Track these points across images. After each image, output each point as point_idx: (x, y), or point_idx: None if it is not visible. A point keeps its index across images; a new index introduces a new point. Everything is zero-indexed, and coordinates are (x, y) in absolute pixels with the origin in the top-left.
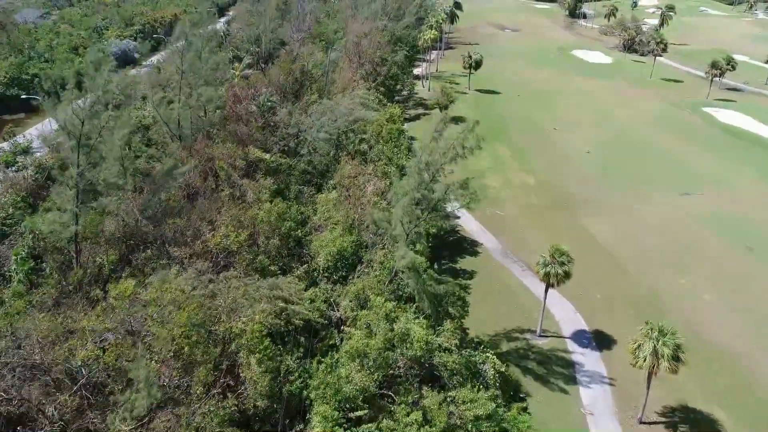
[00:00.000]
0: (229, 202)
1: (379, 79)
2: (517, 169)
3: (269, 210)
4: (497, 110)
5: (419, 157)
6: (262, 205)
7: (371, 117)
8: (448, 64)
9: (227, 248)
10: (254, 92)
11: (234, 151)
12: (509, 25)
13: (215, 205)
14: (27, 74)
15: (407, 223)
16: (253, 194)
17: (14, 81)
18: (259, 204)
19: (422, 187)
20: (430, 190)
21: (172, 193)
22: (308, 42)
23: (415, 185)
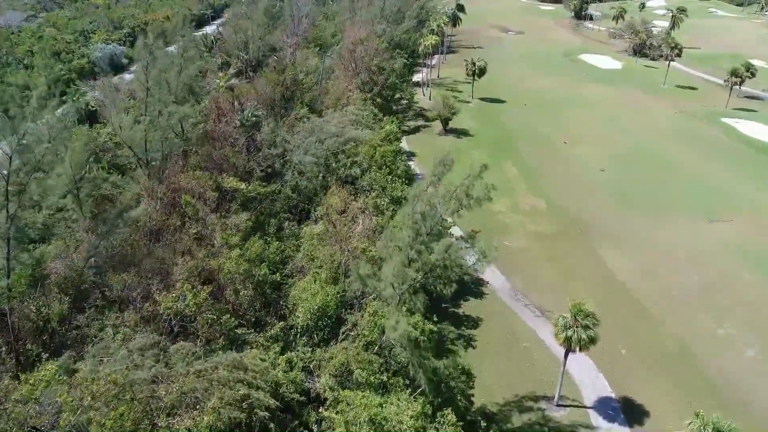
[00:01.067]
0: (195, 244)
1: (376, 89)
2: (526, 190)
3: (237, 259)
4: (502, 121)
5: (413, 203)
6: (230, 253)
7: (364, 137)
8: (451, 70)
9: (182, 312)
10: (239, 105)
11: (205, 180)
12: (513, 27)
13: (179, 247)
14: (2, 82)
15: (399, 284)
16: (221, 238)
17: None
18: (227, 250)
19: (418, 242)
20: (427, 249)
21: (126, 236)
22: (303, 46)
23: (409, 241)
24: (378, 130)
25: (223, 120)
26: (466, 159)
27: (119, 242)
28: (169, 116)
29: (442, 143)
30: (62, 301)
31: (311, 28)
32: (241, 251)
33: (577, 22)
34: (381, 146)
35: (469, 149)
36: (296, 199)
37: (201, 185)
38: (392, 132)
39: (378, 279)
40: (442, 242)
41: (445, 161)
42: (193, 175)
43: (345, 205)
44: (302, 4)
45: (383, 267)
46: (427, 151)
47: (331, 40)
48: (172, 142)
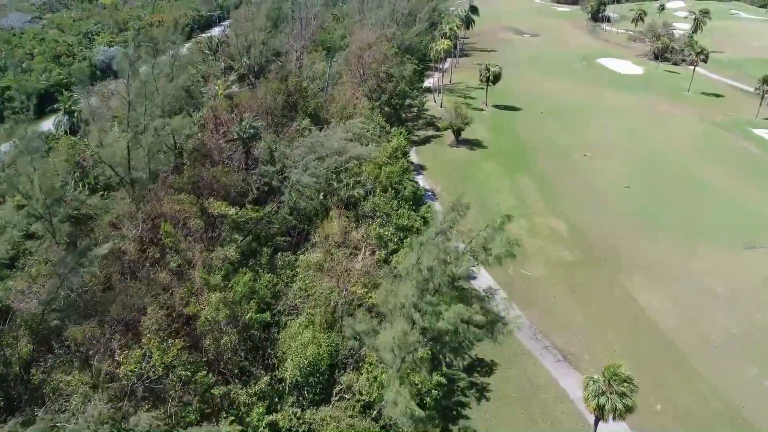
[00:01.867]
0: (176, 279)
1: (384, 98)
2: (545, 210)
3: (218, 304)
4: (518, 131)
5: (420, 253)
6: (210, 296)
7: (369, 154)
8: (463, 74)
9: (147, 374)
10: (238, 115)
11: (189, 206)
12: (528, 29)
13: (154, 286)
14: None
15: (401, 350)
16: (201, 277)
17: None
18: (208, 291)
19: (424, 301)
20: (434, 312)
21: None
22: (311, 50)
23: (413, 300)
24: (384, 145)
25: (220, 131)
26: (479, 173)
27: (89, 279)
28: (155, 131)
29: (454, 155)
30: (25, 345)
31: (319, 30)
32: (224, 294)
33: (594, 24)
34: (386, 165)
35: (482, 162)
36: (294, 221)
37: (185, 211)
38: (400, 146)
39: (376, 337)
40: (454, 310)
41: (459, 206)
42: (177, 198)
43: (345, 235)
44: (310, 5)
45: (382, 332)
46: (438, 165)
47: (341, 42)
48: (159, 158)
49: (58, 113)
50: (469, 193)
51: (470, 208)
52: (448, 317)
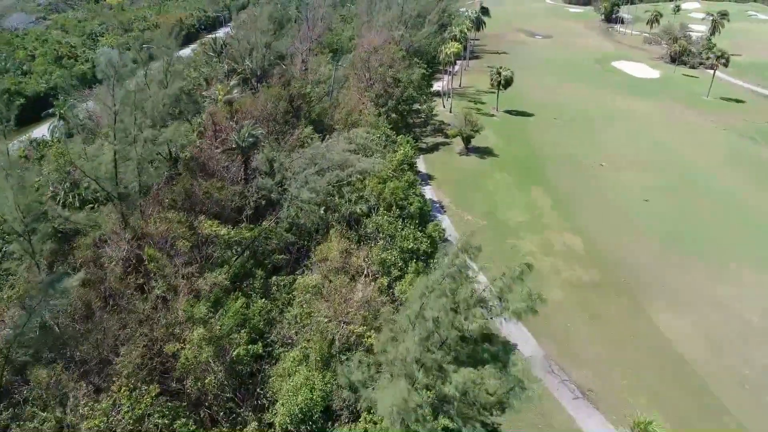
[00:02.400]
0: (162, 305)
1: (391, 103)
2: (559, 224)
3: (200, 342)
4: (530, 139)
5: (424, 299)
6: (193, 331)
7: (372, 167)
8: (474, 77)
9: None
10: (238, 122)
11: (178, 225)
12: (540, 31)
13: (133, 318)
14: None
15: (402, 409)
16: (183, 310)
17: None
18: (191, 326)
19: (427, 358)
20: (441, 372)
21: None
22: (317, 52)
23: (416, 355)
24: (390, 156)
25: (218, 139)
26: (490, 183)
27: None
28: (145, 142)
29: (463, 164)
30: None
31: (326, 32)
32: (209, 327)
33: (608, 25)
34: (392, 180)
35: (493, 172)
36: (293, 237)
37: (172, 230)
38: (406, 156)
39: (374, 386)
40: (463, 375)
41: (469, 247)
42: (164, 217)
43: (345, 257)
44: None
45: (380, 385)
46: (447, 174)
47: (348, 44)
48: (150, 171)
49: (54, 118)
50: (479, 206)
51: (480, 251)
52: (456, 382)
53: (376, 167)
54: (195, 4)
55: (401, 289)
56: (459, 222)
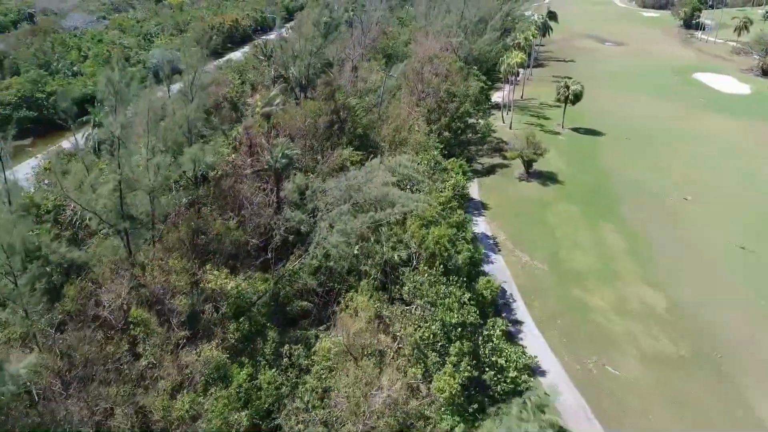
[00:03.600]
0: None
1: (444, 120)
2: (635, 274)
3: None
4: (600, 163)
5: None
6: None
7: (416, 205)
8: (537, 88)
9: None
10: (271, 139)
11: (178, 276)
12: (611, 37)
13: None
14: (42, 92)
15: None
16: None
17: (26, 100)
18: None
19: None
20: None
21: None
22: (370, 57)
23: None
24: (438, 188)
25: (251, 157)
26: (553, 217)
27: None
28: (158, 169)
29: (523, 192)
30: None
31: (381, 36)
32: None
33: (687, 32)
34: (436, 225)
35: (556, 202)
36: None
37: (170, 283)
38: (457, 186)
39: None
40: None
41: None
42: (162, 264)
43: (373, 327)
44: (373, 9)
45: None
46: (503, 203)
47: (404, 48)
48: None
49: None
50: (539, 244)
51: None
52: None
53: (420, 206)
54: (253, 4)
55: (439, 385)
56: (515, 265)
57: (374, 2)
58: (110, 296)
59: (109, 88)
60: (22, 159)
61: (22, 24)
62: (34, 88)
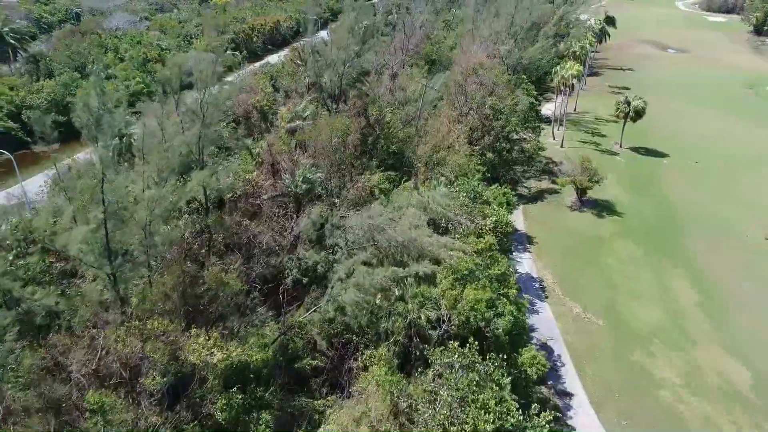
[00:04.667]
0: None
1: (488, 139)
2: (711, 338)
3: None
4: (663, 191)
5: None
6: None
7: (449, 254)
8: (592, 100)
9: None
10: (297, 158)
11: (154, 344)
12: (673, 43)
13: None
14: (73, 95)
15: None
16: None
17: (56, 104)
18: None
19: None
20: None
21: None
22: (413, 63)
23: None
24: (478, 221)
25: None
26: (610, 256)
27: None
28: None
29: (575, 224)
30: None
31: (425, 41)
32: None
33: (759, 39)
34: (473, 283)
35: (614, 239)
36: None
37: (142, 351)
38: (500, 223)
39: None
40: None
41: None
42: (139, 327)
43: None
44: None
45: None
46: (552, 237)
47: (450, 53)
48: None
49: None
50: (594, 292)
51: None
52: None
53: (454, 256)
54: (297, 5)
55: None
56: (565, 317)
57: (419, 5)
58: (77, 365)
59: (86, 115)
60: (46, 166)
61: (65, 24)
62: (65, 92)
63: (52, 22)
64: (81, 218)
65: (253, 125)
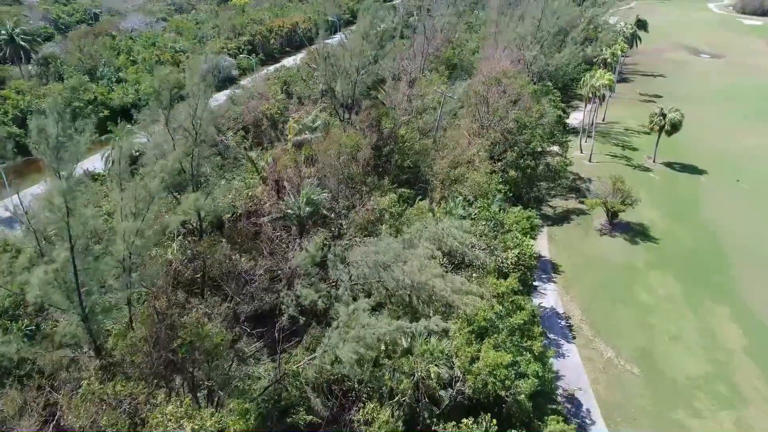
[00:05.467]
0: None
1: (510, 156)
2: (764, 396)
3: None
4: (705, 215)
5: None
6: None
7: (463, 300)
8: (621, 109)
9: None
10: (302, 174)
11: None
12: (706, 48)
13: None
14: (80, 100)
15: None
16: None
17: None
18: None
19: None
20: None
21: None
22: (433, 67)
23: None
24: (498, 254)
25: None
26: (644, 292)
27: None
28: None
29: (605, 250)
30: None
31: (446, 44)
32: None
33: None
34: (491, 336)
35: (648, 270)
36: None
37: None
38: (523, 257)
39: None
40: None
41: None
42: (95, 391)
43: None
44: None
45: None
46: (579, 265)
47: (471, 57)
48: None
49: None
50: (628, 335)
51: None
52: None
53: (470, 304)
54: (316, 6)
55: None
56: (595, 363)
57: (440, 7)
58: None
59: (43, 143)
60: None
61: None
62: (72, 96)
63: (70, 23)
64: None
65: (263, 134)
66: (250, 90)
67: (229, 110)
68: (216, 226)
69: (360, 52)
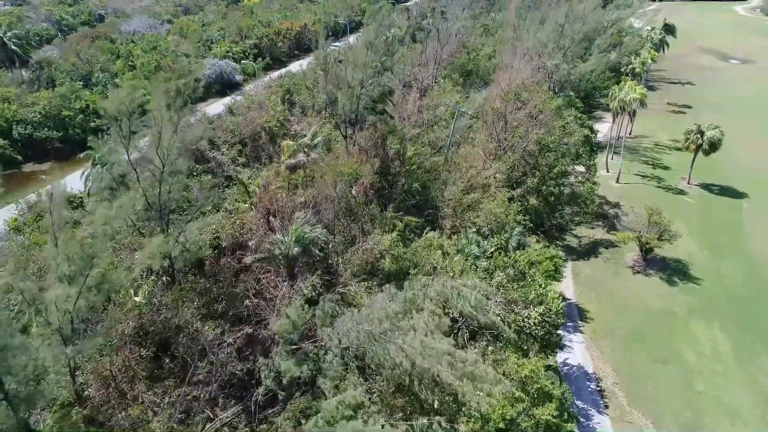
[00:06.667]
0: None
1: (532, 182)
2: None
3: None
4: (751, 247)
5: None
6: None
7: (475, 393)
8: (649, 121)
9: None
10: (295, 201)
11: None
12: (736, 52)
13: None
14: (70, 109)
15: None
16: None
17: (50, 119)
18: None
19: None
20: None
21: None
22: (446, 74)
23: None
24: (518, 312)
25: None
26: (686, 347)
27: None
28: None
29: (638, 292)
30: None
31: (460, 50)
32: None
33: None
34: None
35: (690, 318)
36: None
37: None
38: (548, 316)
39: None
40: None
41: None
42: None
43: None
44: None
45: None
46: (610, 312)
47: (487, 63)
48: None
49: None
50: (671, 404)
51: None
52: None
53: (484, 396)
54: (327, 8)
55: None
56: None
57: (455, 9)
58: None
59: None
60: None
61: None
62: (62, 105)
63: (74, 24)
64: None
65: (261, 148)
66: (251, 98)
67: (225, 121)
68: (195, 264)
69: (364, 64)
